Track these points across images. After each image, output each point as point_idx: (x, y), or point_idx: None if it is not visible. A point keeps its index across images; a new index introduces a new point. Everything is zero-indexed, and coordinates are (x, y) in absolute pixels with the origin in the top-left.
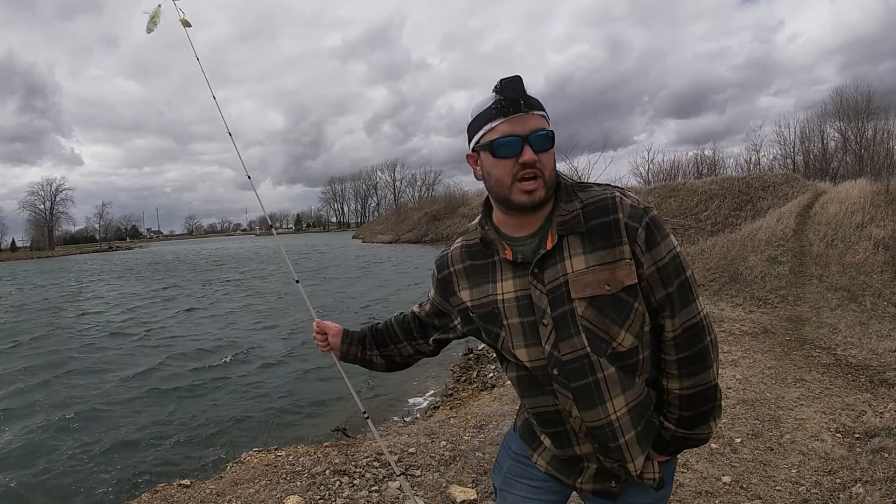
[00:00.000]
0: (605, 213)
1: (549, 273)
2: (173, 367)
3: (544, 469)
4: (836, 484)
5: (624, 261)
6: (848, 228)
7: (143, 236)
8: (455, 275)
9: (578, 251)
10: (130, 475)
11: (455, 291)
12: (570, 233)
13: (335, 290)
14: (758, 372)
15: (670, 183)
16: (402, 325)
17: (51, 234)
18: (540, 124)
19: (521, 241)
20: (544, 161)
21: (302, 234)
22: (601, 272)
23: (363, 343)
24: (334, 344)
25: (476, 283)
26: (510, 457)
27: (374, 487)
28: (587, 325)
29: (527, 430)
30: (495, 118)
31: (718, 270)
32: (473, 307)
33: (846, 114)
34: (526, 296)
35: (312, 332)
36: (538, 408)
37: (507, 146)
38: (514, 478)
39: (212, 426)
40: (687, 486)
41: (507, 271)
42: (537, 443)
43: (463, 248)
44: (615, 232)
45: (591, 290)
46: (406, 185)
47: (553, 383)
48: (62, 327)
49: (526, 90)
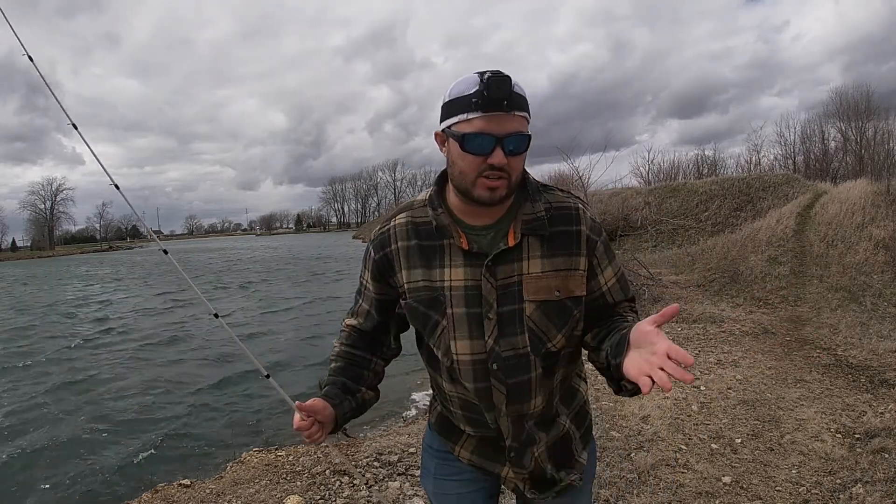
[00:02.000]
0: (568, 223)
1: (504, 269)
2: (174, 367)
3: (468, 460)
4: (836, 484)
5: (578, 271)
6: (848, 229)
7: (143, 236)
8: (398, 252)
9: (537, 254)
10: (130, 475)
11: (396, 271)
12: (532, 234)
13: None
14: (758, 372)
15: (671, 183)
16: (360, 342)
17: (51, 234)
18: (518, 126)
19: (477, 231)
20: (513, 164)
21: (302, 233)
22: (554, 278)
23: (347, 390)
24: (327, 420)
25: (421, 264)
26: (434, 457)
27: (375, 487)
28: (532, 325)
29: (443, 423)
30: (472, 110)
31: (719, 271)
32: (414, 290)
33: (846, 114)
34: (475, 286)
35: (295, 426)
36: (463, 396)
37: (478, 143)
38: (444, 477)
39: (212, 426)
40: (687, 487)
41: (458, 258)
42: (457, 434)
43: (409, 225)
44: (576, 243)
45: (543, 294)
46: (406, 185)
47: (490, 378)
48: (65, 325)
49: (513, 89)
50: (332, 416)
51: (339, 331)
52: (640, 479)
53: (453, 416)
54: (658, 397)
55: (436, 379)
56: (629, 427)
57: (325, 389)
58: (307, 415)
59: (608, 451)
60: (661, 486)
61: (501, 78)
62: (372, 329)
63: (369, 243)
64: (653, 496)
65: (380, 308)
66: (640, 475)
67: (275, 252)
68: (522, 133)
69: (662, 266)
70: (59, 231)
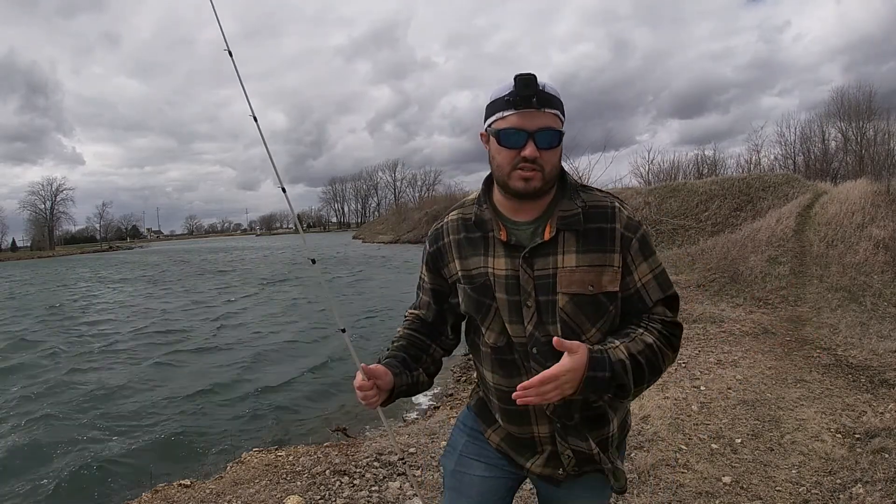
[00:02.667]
0: (604, 220)
1: (540, 262)
2: (173, 367)
3: (496, 445)
4: (836, 484)
5: (612, 268)
6: (848, 229)
7: (143, 236)
8: (450, 245)
9: (572, 249)
10: (130, 475)
11: (448, 262)
12: (568, 229)
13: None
14: (758, 372)
15: (671, 183)
16: (423, 328)
17: (51, 234)
18: (549, 123)
19: (518, 226)
20: (546, 158)
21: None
22: (588, 273)
23: (406, 365)
24: (385, 386)
25: (470, 254)
26: (466, 433)
27: (375, 487)
28: (564, 317)
29: (482, 407)
30: (507, 108)
31: (719, 271)
32: (466, 278)
33: (847, 114)
34: (514, 276)
35: (356, 384)
36: (504, 386)
37: (512, 138)
38: (470, 456)
39: (212, 426)
40: (687, 487)
41: (500, 249)
42: (491, 419)
43: (459, 220)
44: (610, 240)
45: (576, 287)
46: (406, 185)
47: (531, 361)
48: (65, 319)
49: (543, 88)
50: (390, 384)
51: (403, 318)
52: (640, 479)
53: (492, 405)
54: (658, 397)
55: (480, 370)
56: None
57: (385, 360)
58: (368, 376)
59: None
60: (661, 486)
61: (527, 77)
62: (432, 319)
63: (426, 239)
64: (653, 496)
65: (436, 298)
66: (640, 475)
67: (295, 253)
68: (553, 128)
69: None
70: (59, 231)
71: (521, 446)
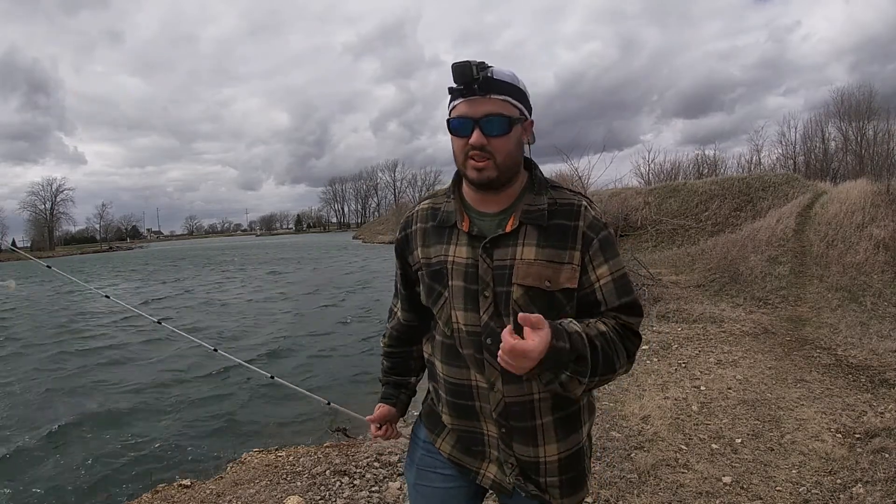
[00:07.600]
0: (568, 217)
1: (500, 252)
2: (174, 367)
3: (447, 455)
4: (836, 484)
5: (570, 265)
6: (848, 229)
7: (143, 237)
8: (416, 233)
9: (532, 242)
10: (130, 475)
11: (413, 250)
12: (531, 223)
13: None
14: (758, 372)
15: (671, 183)
16: (398, 341)
17: (51, 235)
18: (496, 109)
19: (483, 217)
20: (496, 145)
21: (302, 234)
22: (545, 268)
23: (399, 385)
24: (395, 419)
25: (433, 242)
26: (420, 447)
27: (375, 488)
28: (517, 309)
29: (429, 415)
30: (456, 98)
31: (719, 271)
32: (425, 265)
33: (848, 114)
34: (474, 265)
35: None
36: (454, 378)
37: (459, 127)
38: (426, 469)
39: (212, 426)
40: (687, 487)
41: (463, 238)
42: (440, 426)
43: (429, 209)
44: (571, 237)
45: (531, 280)
46: (406, 186)
47: (484, 352)
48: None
49: (489, 74)
50: (396, 414)
51: (384, 328)
52: (641, 479)
53: (440, 405)
54: (658, 397)
55: (432, 361)
56: (629, 427)
57: (382, 392)
58: (378, 425)
59: (608, 451)
60: (662, 487)
61: (462, 64)
62: (408, 309)
63: (399, 226)
64: (653, 496)
65: (405, 283)
66: (641, 475)
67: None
68: (501, 114)
69: (662, 266)
70: (59, 232)
71: (470, 450)
